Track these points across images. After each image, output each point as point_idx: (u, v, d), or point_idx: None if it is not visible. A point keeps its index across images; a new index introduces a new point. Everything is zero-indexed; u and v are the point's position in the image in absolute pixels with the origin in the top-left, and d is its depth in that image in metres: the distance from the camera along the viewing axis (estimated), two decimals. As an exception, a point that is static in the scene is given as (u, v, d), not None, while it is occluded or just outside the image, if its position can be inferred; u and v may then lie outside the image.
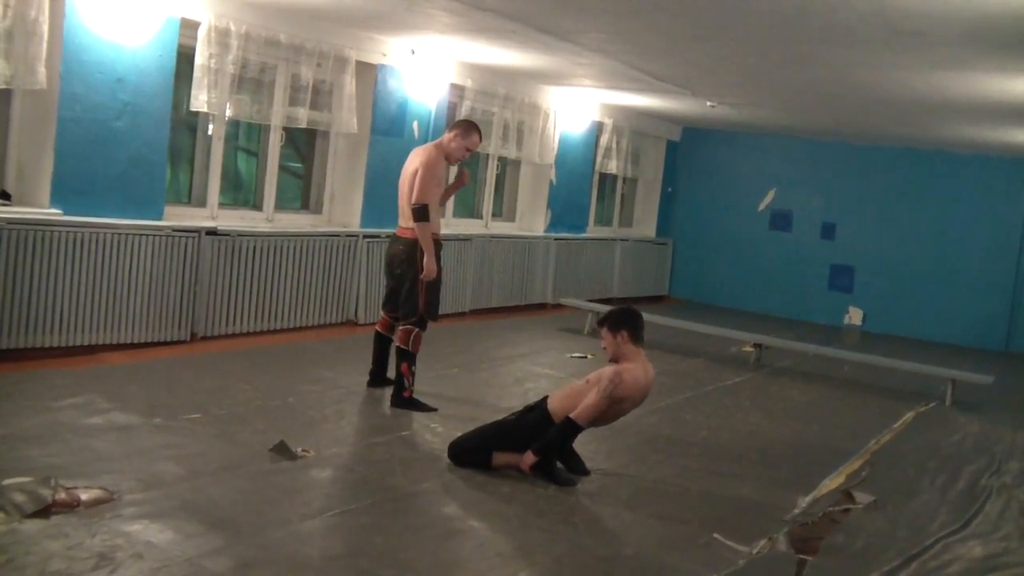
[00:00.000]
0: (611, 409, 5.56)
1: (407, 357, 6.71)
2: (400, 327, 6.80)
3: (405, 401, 6.71)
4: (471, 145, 6.81)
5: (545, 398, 5.76)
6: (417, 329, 6.75)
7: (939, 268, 14.42)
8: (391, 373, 7.03)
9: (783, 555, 4.87)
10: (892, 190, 14.78)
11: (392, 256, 6.87)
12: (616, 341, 5.63)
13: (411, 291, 6.71)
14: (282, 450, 5.43)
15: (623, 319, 5.67)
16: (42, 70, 6.62)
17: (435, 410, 6.68)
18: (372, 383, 7.18)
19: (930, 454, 7.39)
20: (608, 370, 5.57)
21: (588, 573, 4.38)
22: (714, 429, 7.43)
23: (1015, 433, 8.41)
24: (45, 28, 6.59)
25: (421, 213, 6.54)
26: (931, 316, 14.47)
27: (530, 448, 5.50)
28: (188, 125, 8.41)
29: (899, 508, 5.89)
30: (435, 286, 6.79)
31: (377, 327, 7.18)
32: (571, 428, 5.51)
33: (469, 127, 6.82)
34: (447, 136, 6.81)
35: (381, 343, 7.16)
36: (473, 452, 5.60)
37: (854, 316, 15.14)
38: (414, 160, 6.74)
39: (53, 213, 6.91)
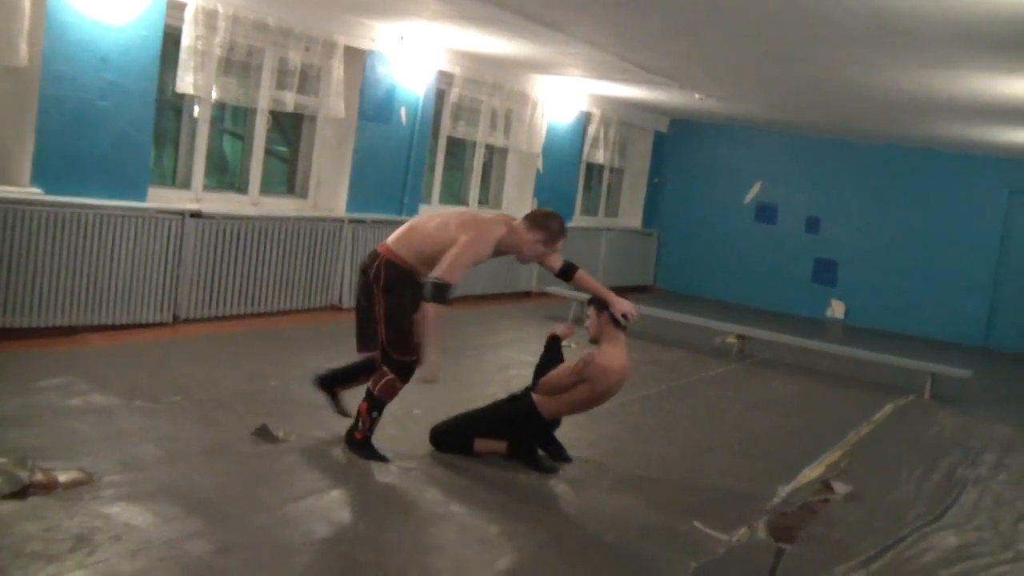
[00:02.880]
0: (580, 392, 5.54)
1: (370, 399, 5.38)
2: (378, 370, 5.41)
3: (356, 443, 5.38)
4: (553, 250, 5.55)
5: (529, 389, 5.76)
6: (393, 376, 5.34)
7: (921, 264, 14.51)
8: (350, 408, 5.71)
9: (762, 543, 4.90)
10: (877, 186, 14.85)
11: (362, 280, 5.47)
12: (600, 321, 5.64)
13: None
14: (264, 434, 5.43)
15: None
16: (23, 47, 6.55)
17: (387, 460, 5.32)
18: (320, 383, 5.87)
19: (908, 446, 7.44)
20: (584, 353, 5.60)
21: (568, 560, 4.39)
22: (696, 419, 7.46)
23: (991, 426, 8.48)
24: (27, 4, 6.51)
25: (439, 293, 5.12)
26: (912, 311, 14.55)
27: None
28: (174, 107, 8.36)
29: (877, 499, 5.94)
30: (401, 315, 5.33)
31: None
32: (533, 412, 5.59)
33: (559, 232, 5.41)
34: (526, 227, 5.42)
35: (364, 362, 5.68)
36: (455, 438, 5.61)
37: (836, 309, 15.21)
38: (465, 217, 5.44)
39: (34, 192, 6.85)
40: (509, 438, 5.59)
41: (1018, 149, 12.58)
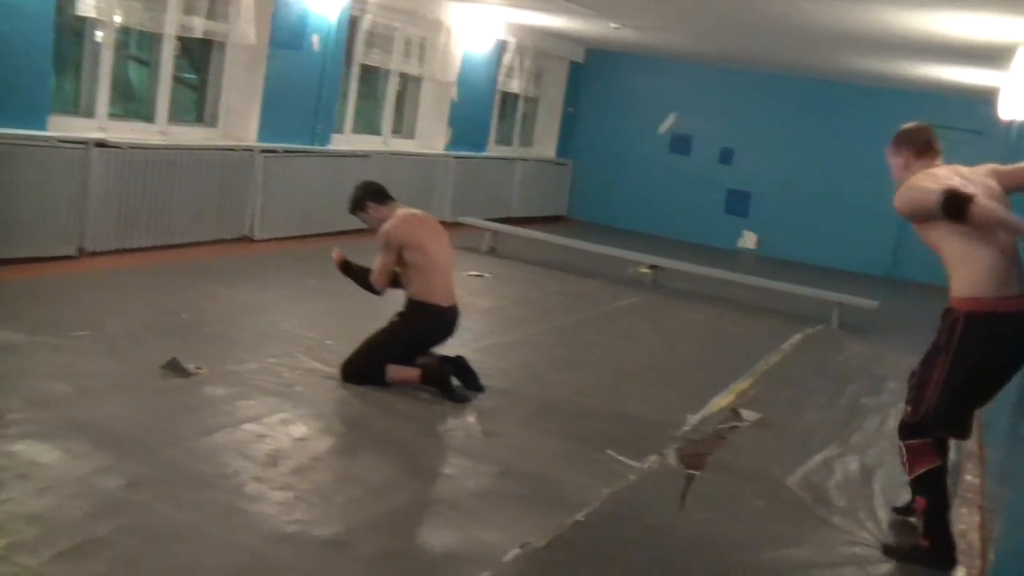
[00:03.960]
0: (408, 260, 5.67)
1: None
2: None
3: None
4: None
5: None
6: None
7: (831, 196, 14.78)
8: None
9: (672, 470, 5.00)
10: (790, 118, 15.03)
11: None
12: (371, 215, 5.83)
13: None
14: (174, 367, 5.35)
15: (360, 195, 5.86)
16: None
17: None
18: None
19: (816, 374, 7.64)
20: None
21: (483, 489, 4.44)
22: (609, 349, 7.55)
23: (896, 355, 8.72)
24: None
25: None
26: (822, 242, 14.86)
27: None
28: (75, 30, 8.04)
29: (784, 425, 6.10)
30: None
31: None
32: (366, 282, 5.80)
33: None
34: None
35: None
36: (366, 367, 5.61)
37: (748, 240, 15.45)
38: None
39: (-73, 121, 6.58)
40: (410, 342, 5.70)
41: (929, 83, 12.81)
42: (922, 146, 4.52)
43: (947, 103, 13.97)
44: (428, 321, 5.77)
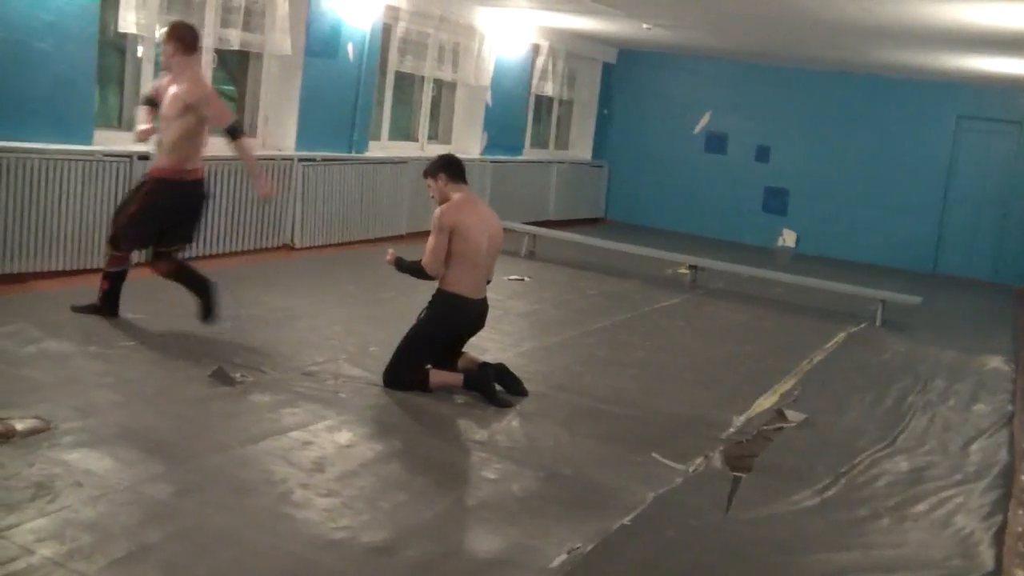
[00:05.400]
0: (451, 246, 5.64)
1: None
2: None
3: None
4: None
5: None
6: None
7: (870, 191, 14.66)
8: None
9: (718, 472, 4.99)
10: (826, 114, 14.93)
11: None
12: (438, 186, 5.80)
13: None
14: (220, 376, 5.41)
15: (439, 165, 5.84)
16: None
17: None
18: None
19: (860, 373, 7.58)
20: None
21: (528, 493, 4.44)
22: (650, 350, 7.54)
23: (940, 352, 8.65)
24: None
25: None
26: (862, 238, 14.74)
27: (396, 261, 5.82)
28: (117, 47, 8.16)
29: (829, 426, 6.06)
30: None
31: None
32: (421, 274, 5.73)
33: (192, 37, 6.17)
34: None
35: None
36: (406, 371, 5.63)
37: (787, 238, 15.36)
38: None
39: (-25, 139, 6.70)
40: (440, 334, 5.72)
41: (964, 74, 12.69)
42: None
43: (984, 94, 13.85)
44: (454, 310, 5.73)
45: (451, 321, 5.77)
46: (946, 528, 4.64)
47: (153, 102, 6.22)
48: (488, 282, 5.91)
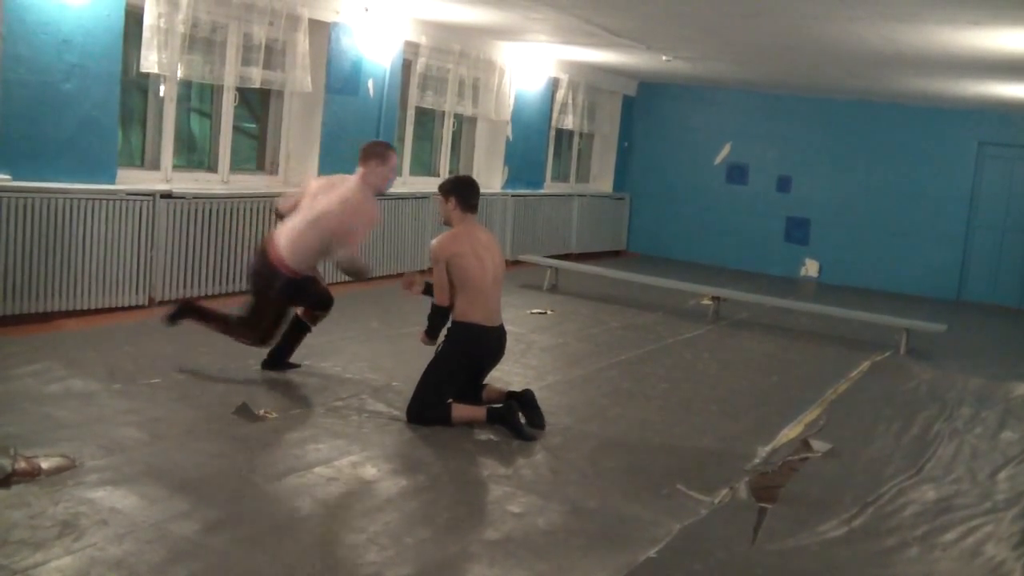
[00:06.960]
0: (451, 277, 5.64)
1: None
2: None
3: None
4: (393, 166, 6.25)
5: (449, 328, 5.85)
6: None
7: (893, 219, 14.60)
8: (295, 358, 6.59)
9: (744, 503, 4.95)
10: (846, 142, 14.90)
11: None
12: (448, 208, 5.80)
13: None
14: (245, 412, 5.43)
15: (454, 187, 5.84)
16: (-19, 31, 6.45)
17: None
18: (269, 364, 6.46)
19: (885, 402, 7.52)
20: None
21: (554, 527, 4.42)
22: (674, 381, 7.51)
23: (966, 380, 8.58)
24: (-16, -12, 6.42)
25: (359, 271, 6.39)
26: (885, 267, 14.67)
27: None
28: (139, 87, 8.26)
29: (855, 455, 6.01)
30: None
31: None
32: (436, 309, 5.72)
33: (386, 149, 6.22)
34: (363, 169, 6.14)
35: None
36: (429, 406, 5.63)
37: (810, 268, 15.30)
38: (333, 192, 6.14)
39: (2, 178, 6.77)
40: (459, 365, 5.71)
41: (985, 101, 12.65)
42: None
43: (1006, 120, 13.80)
44: (470, 341, 5.72)
45: (469, 351, 5.76)
46: (976, 557, 4.58)
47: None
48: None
